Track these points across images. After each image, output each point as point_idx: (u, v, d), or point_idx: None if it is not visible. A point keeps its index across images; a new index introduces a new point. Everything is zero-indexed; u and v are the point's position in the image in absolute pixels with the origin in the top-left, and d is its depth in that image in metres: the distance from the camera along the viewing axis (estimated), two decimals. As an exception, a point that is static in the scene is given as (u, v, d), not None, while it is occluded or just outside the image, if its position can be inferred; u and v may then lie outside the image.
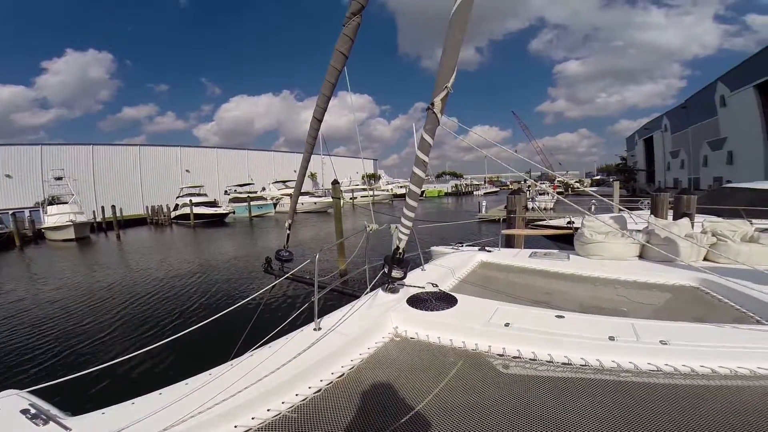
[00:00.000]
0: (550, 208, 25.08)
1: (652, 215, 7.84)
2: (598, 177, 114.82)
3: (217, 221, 40.56)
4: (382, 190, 67.54)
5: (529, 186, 49.37)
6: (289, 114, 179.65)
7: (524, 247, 6.34)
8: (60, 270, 18.01)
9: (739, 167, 43.27)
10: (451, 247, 5.35)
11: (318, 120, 4.69)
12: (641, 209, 13.81)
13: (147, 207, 51.60)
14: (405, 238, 2.95)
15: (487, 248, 5.05)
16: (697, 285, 3.46)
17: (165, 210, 46.15)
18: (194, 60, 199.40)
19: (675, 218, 7.31)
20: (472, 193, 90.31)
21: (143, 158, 62.71)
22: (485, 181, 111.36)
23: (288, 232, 5.53)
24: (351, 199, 42.14)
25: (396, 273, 2.92)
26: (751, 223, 8.21)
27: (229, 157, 74.94)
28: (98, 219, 39.40)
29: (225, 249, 22.11)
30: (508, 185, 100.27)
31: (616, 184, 25.25)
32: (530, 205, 20.03)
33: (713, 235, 4.70)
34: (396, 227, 3.21)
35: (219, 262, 16.91)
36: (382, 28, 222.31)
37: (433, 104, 2.64)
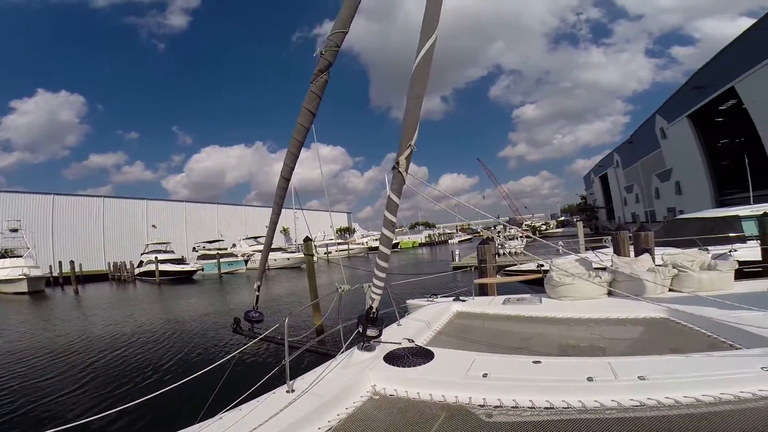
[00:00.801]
0: (521, 252, 25.53)
1: (614, 254, 8.17)
2: (563, 218, 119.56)
3: (185, 278, 39.24)
4: (357, 243, 67.41)
5: (498, 232, 50.90)
6: (261, 166, 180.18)
7: (497, 294, 6.39)
8: (11, 323, 17.14)
9: (687, 197, 46.03)
10: (426, 299, 5.36)
11: (286, 179, 4.71)
12: (606, 246, 14.31)
13: (109, 263, 49.24)
14: (378, 297, 2.94)
15: (461, 298, 5.09)
16: (667, 316, 3.57)
17: (128, 266, 44.37)
18: (167, 107, 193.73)
19: (636, 254, 7.62)
20: (447, 241, 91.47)
21: (107, 211, 60.36)
22: (457, 230, 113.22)
23: (257, 293, 5.35)
24: (326, 254, 41.64)
25: (371, 332, 2.87)
26: (708, 251, 8.69)
27: (198, 212, 73.00)
28: (55, 274, 37.48)
29: (193, 306, 21.14)
30: (479, 232, 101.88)
31: (580, 225, 26.76)
32: (500, 251, 20.35)
33: (674, 267, 4.91)
34: (369, 286, 3.19)
35: (186, 320, 16.10)
36: (355, 80, 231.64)
37: (398, 163, 2.68)
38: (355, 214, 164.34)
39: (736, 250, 8.49)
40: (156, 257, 39.97)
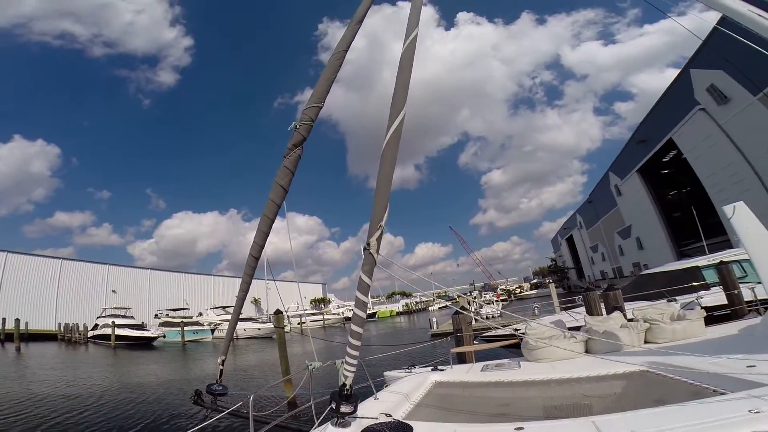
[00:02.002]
0: (497, 316, 25.73)
1: (587, 314, 8.34)
2: (535, 281, 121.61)
3: (144, 344, 37.89)
4: (333, 314, 65.57)
5: (474, 298, 50.91)
6: (235, 235, 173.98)
7: (476, 361, 6.24)
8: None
9: (649, 251, 48.06)
10: (403, 370, 5.23)
11: (255, 257, 4.59)
12: (579, 305, 14.44)
13: (59, 324, 46.97)
14: (351, 375, 2.87)
15: (440, 367, 4.99)
16: (646, 368, 3.54)
17: (81, 328, 43.05)
18: (143, 167, 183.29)
19: (608, 312, 7.80)
20: (425, 309, 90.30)
21: (64, 273, 57.35)
22: (434, 297, 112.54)
23: (221, 367, 4.99)
24: (299, 323, 40.60)
25: (345, 408, 2.75)
26: (676, 301, 8.94)
27: (163, 280, 70.46)
28: (-3, 330, 35.55)
29: (150, 373, 19.87)
30: (455, 299, 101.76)
31: (552, 286, 27.35)
32: (477, 317, 20.16)
33: (645, 321, 5.03)
34: (342, 363, 3.06)
35: (141, 387, 14.79)
36: (333, 148, 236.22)
37: (369, 245, 2.72)
38: (331, 284, 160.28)
39: (702, 297, 8.83)
40: (113, 321, 38.87)
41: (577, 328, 5.78)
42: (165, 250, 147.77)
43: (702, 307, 5.39)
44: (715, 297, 9.21)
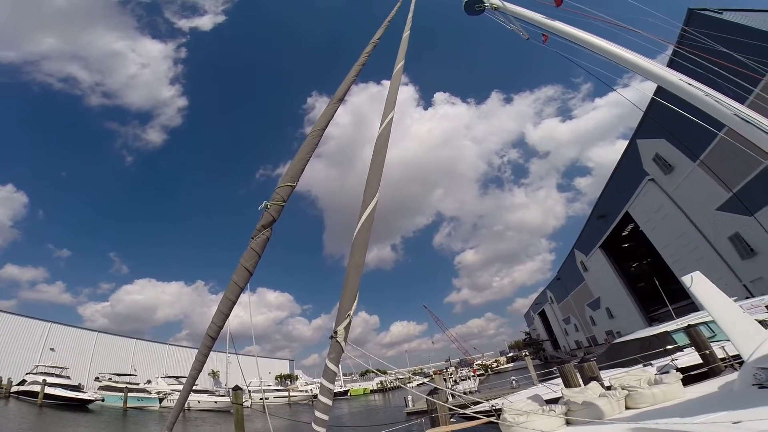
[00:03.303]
0: (475, 392, 24.94)
1: (564, 387, 8.16)
2: (511, 354, 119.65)
3: (77, 406, 35.71)
4: (300, 391, 61.43)
5: (451, 374, 49.07)
6: (199, 306, 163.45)
7: (453, 439, 5.79)
8: None
9: (620, 319, 48.57)
10: None
11: (212, 338, 4.18)
12: (556, 375, 14.14)
13: None
14: None
15: None
16: None
17: (4, 381, 40.00)
18: (111, 229, 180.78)
19: (585, 383, 7.65)
20: (402, 386, 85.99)
21: None
22: (410, 375, 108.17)
23: None
24: (261, 399, 38.01)
25: None
26: (652, 365, 8.88)
27: (111, 343, 65.58)
28: None
29: None
30: (431, 375, 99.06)
31: (528, 359, 27.10)
32: (453, 393, 19.30)
33: (623, 388, 4.96)
34: None
35: None
36: (310, 224, 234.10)
37: (336, 333, 2.62)
38: (300, 360, 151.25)
39: (676, 359, 8.83)
40: (44, 380, 36.21)
41: (556, 400, 5.58)
42: (119, 314, 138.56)
43: (678, 369, 5.35)
44: (690, 357, 9.25)
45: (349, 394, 71.63)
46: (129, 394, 39.79)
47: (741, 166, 22.84)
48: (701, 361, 8.25)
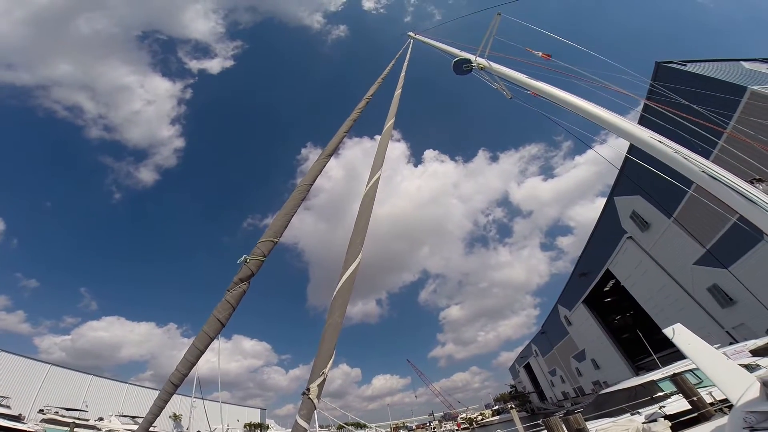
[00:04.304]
0: None
1: None
2: (497, 407, 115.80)
3: None
4: None
5: (434, 428, 46.94)
6: (168, 349, 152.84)
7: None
8: None
9: (606, 369, 47.84)
10: None
11: (174, 385, 3.96)
12: (543, 428, 13.68)
13: None
14: None
15: None
16: None
17: None
18: (85, 263, 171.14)
19: None
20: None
21: None
22: (392, 429, 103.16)
23: None
24: None
25: None
26: (640, 413, 8.69)
27: (64, 377, 60.71)
28: None
29: None
30: (414, 429, 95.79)
31: (514, 411, 26.17)
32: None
33: None
34: None
35: None
36: (294, 277, 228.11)
37: (309, 389, 2.59)
38: (273, 410, 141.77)
39: (664, 407, 8.67)
40: None
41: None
42: (80, 350, 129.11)
43: (666, 417, 5.27)
44: (678, 404, 9.12)
45: (327, 453, 67.29)
46: (76, 430, 37.54)
47: (712, 221, 23.78)
48: (690, 407, 8.14)
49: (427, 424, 60.73)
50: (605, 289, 44.57)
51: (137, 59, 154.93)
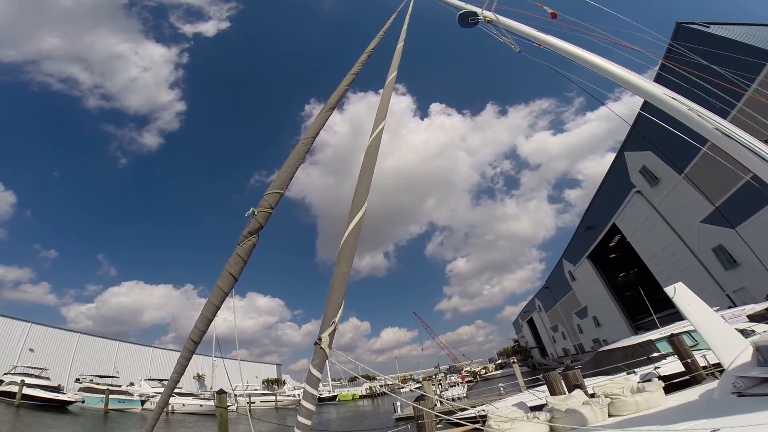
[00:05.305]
0: (463, 397, 24.91)
1: (548, 395, 8.24)
2: (500, 361, 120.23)
3: (57, 407, 34.79)
4: (287, 395, 61.20)
5: (440, 380, 49.19)
6: (187, 310, 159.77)
7: (439, 446, 5.84)
8: None
9: (606, 328, 49.06)
10: None
11: (195, 342, 4.13)
12: (542, 383, 14.31)
13: None
14: None
15: None
16: None
17: None
18: (102, 231, 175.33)
19: (569, 390, 7.75)
20: (392, 392, 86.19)
21: None
22: (399, 381, 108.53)
23: None
24: (248, 403, 39.02)
25: None
26: (635, 373, 9.00)
27: (93, 345, 64.18)
28: None
29: None
30: (420, 381, 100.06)
31: (516, 366, 27.37)
32: (441, 399, 19.36)
33: (606, 396, 5.03)
34: None
35: None
36: (303, 232, 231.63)
37: (320, 339, 2.64)
38: (289, 365, 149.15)
39: (659, 367, 8.97)
40: (22, 380, 35.35)
41: (541, 407, 5.66)
42: (104, 317, 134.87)
43: (660, 377, 5.47)
44: (672, 366, 9.40)
45: (337, 400, 71.00)
46: (110, 396, 39.14)
47: (724, 180, 23.39)
48: (683, 370, 8.40)
49: (433, 377, 63.44)
50: (610, 245, 44.70)
51: (127, 27, 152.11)
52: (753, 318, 12.74)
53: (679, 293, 5.35)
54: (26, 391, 34.57)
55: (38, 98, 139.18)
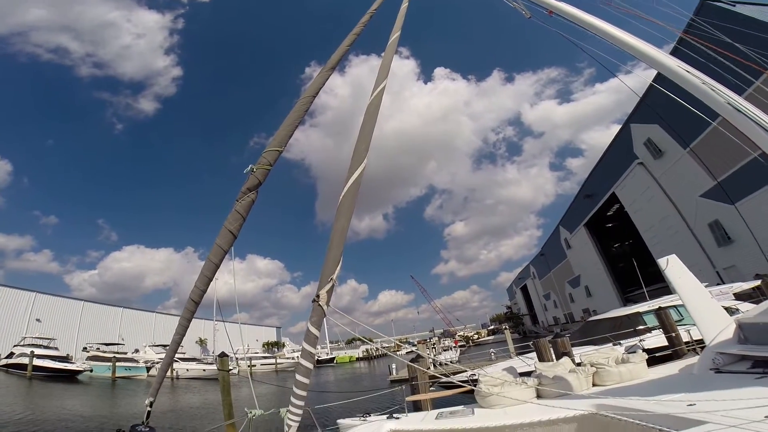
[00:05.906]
0: (455, 362, 25.82)
1: (537, 361, 8.56)
2: (492, 327, 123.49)
3: (66, 377, 35.98)
4: (287, 358, 63.21)
5: (434, 344, 50.74)
6: (189, 273, 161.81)
7: (432, 408, 6.17)
8: None
9: (597, 298, 50.15)
10: (358, 418, 5.13)
11: (195, 302, 4.22)
12: (532, 350, 14.79)
13: None
14: (295, 424, 2.76)
15: (395, 415, 4.96)
16: (596, 410, 3.62)
17: None
18: (100, 195, 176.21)
19: (557, 358, 8.05)
20: (387, 354, 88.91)
21: None
22: (395, 344, 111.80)
23: (149, 408, 4.41)
24: (249, 366, 39.93)
25: None
26: (621, 344, 9.32)
27: (98, 313, 65.36)
28: None
29: (68, 408, 18.16)
30: (415, 345, 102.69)
31: (507, 332, 28.31)
32: (435, 363, 20.11)
33: (592, 365, 5.21)
34: (286, 411, 2.88)
35: (49, 423, 13.57)
36: (303, 193, 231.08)
37: (318, 296, 2.66)
38: (288, 328, 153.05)
39: (644, 340, 9.32)
40: (32, 351, 36.27)
41: (529, 374, 5.91)
42: (107, 283, 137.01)
43: (644, 350, 5.70)
44: (657, 339, 9.74)
45: (335, 362, 72.64)
46: (117, 364, 39.79)
47: (729, 156, 23.25)
48: (667, 344, 8.74)
49: (428, 340, 65.40)
50: (608, 214, 44.92)
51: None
52: (739, 296, 13.06)
53: (672, 266, 5.46)
54: (37, 362, 35.17)
55: (27, 69, 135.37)
